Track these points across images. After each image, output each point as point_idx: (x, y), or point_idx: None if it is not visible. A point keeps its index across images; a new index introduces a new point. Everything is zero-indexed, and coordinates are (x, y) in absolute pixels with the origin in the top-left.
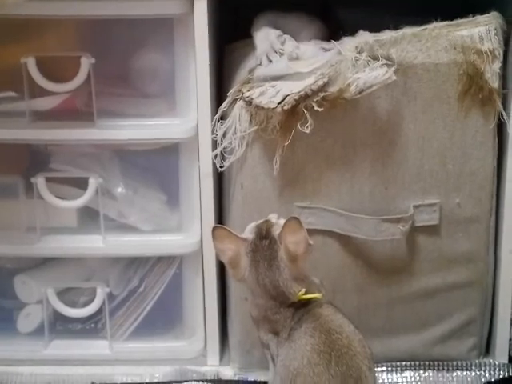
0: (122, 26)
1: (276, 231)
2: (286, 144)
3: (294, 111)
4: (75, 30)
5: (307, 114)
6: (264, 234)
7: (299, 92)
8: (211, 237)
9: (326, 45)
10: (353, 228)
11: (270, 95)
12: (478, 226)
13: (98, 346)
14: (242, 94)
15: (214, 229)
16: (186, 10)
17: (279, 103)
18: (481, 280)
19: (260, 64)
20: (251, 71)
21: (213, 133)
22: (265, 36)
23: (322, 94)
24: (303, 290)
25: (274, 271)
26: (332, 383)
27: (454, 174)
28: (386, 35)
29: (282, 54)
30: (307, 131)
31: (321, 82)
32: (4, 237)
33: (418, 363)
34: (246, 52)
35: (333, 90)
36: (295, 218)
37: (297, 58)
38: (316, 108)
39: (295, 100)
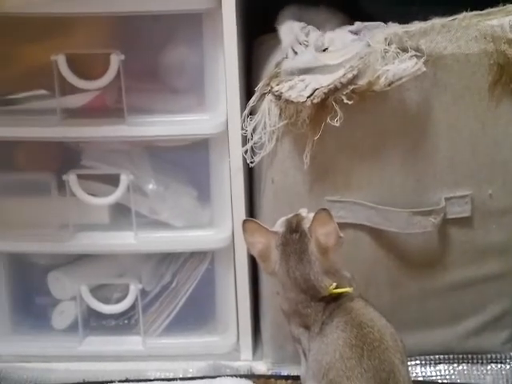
0: (150, 22)
1: (306, 225)
2: (316, 138)
3: (323, 105)
4: (104, 27)
5: (337, 107)
6: (294, 228)
7: (328, 85)
8: (242, 230)
9: (353, 27)
10: (384, 221)
11: (300, 89)
12: (510, 217)
13: (131, 342)
14: (271, 88)
15: (244, 222)
16: (214, 4)
17: (308, 97)
18: None
19: (286, 57)
20: (278, 65)
21: (242, 128)
22: (289, 29)
23: (351, 87)
24: (334, 284)
25: (305, 264)
26: (364, 377)
27: (486, 165)
28: (415, 26)
29: (307, 46)
30: (337, 124)
31: (350, 75)
32: (37, 234)
33: (451, 356)
34: (273, 45)
35: (362, 82)
36: (325, 209)
37: (322, 48)
38: (345, 101)
39: (324, 93)
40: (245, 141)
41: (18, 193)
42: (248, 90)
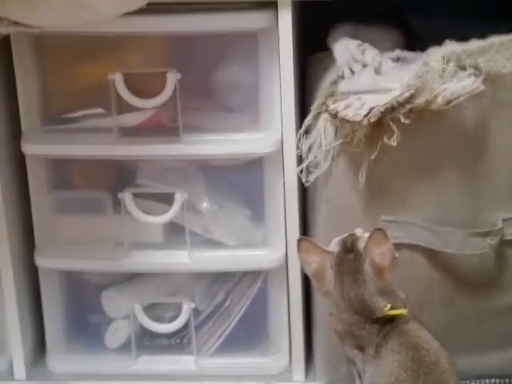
0: (206, 41)
1: (361, 245)
2: (372, 157)
3: (379, 123)
4: (161, 46)
5: (393, 127)
6: (349, 247)
7: (385, 104)
8: (296, 248)
9: (393, 54)
10: (440, 242)
11: (356, 108)
12: None
13: (184, 362)
14: (327, 106)
15: (299, 241)
16: (270, 23)
17: (365, 116)
18: None
19: (342, 76)
20: (333, 84)
21: (298, 147)
22: (344, 46)
23: (408, 106)
24: (389, 306)
25: (360, 285)
26: None
27: None
28: (473, 44)
29: (364, 65)
30: (394, 144)
31: (407, 94)
32: (92, 252)
33: (508, 381)
34: (328, 63)
35: (419, 101)
36: (380, 229)
37: (379, 67)
38: (403, 120)
39: (381, 112)
40: (300, 160)
41: (74, 211)
42: (303, 108)
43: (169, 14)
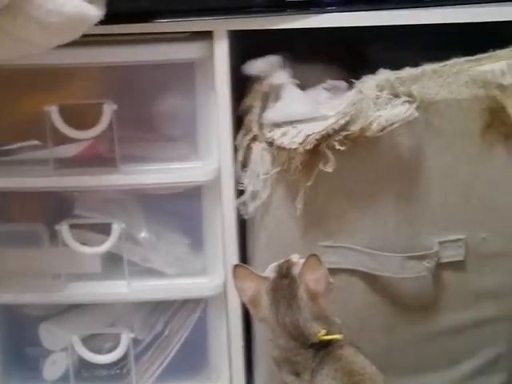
0: (143, 71)
1: (296, 270)
2: (309, 184)
3: (315, 151)
4: (97, 77)
5: (329, 154)
6: (284, 273)
7: (321, 132)
8: (232, 275)
9: (326, 85)
10: (378, 266)
11: (292, 136)
12: (504, 261)
13: None
14: (263, 135)
15: (234, 267)
16: (206, 53)
17: (301, 143)
18: (509, 315)
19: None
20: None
21: (236, 177)
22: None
23: (343, 133)
24: (324, 331)
25: (294, 310)
26: None
27: (480, 209)
28: (407, 72)
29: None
30: (330, 170)
31: (342, 121)
32: (29, 285)
33: None
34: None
35: (354, 128)
36: (315, 255)
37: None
38: (338, 147)
39: (317, 140)
40: (238, 187)
41: (10, 243)
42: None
43: (104, 46)
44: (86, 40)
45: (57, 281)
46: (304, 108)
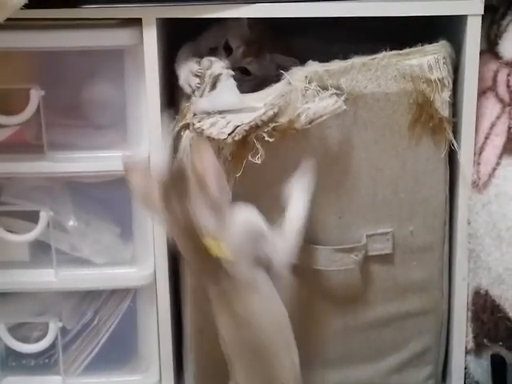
0: (71, 57)
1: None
2: (238, 175)
3: (244, 142)
4: (24, 62)
5: (258, 145)
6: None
7: (249, 123)
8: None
9: None
10: (306, 258)
11: (221, 126)
12: (431, 254)
13: (51, 382)
14: (193, 124)
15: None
16: (136, 41)
17: (229, 134)
18: (435, 308)
19: (193, 93)
20: (187, 101)
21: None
22: (184, 64)
23: (272, 125)
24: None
25: (185, 202)
26: None
27: (407, 203)
28: (336, 65)
29: (201, 76)
30: (258, 162)
31: (271, 113)
32: None
33: None
34: None
35: (283, 120)
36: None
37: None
38: (267, 138)
39: (245, 131)
40: None
41: None
42: None
43: (31, 30)
44: (12, 24)
45: None
46: (232, 98)
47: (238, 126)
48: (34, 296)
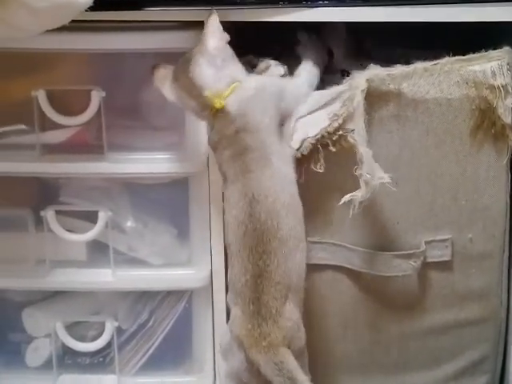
0: (132, 59)
1: None
2: (301, 181)
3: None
4: (86, 63)
5: (321, 157)
6: None
7: (316, 136)
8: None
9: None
10: (364, 263)
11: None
12: (490, 262)
13: (106, 381)
14: None
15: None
16: (196, 43)
17: (297, 149)
18: (494, 316)
19: None
20: None
21: None
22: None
23: (338, 134)
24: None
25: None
26: None
27: (467, 210)
28: (398, 69)
29: None
30: (321, 170)
31: (336, 124)
32: (13, 270)
33: None
34: None
35: (347, 130)
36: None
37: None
38: (332, 148)
39: (312, 144)
40: None
41: None
42: None
43: (94, 32)
44: (76, 26)
45: (41, 267)
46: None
47: (305, 140)
48: (90, 295)
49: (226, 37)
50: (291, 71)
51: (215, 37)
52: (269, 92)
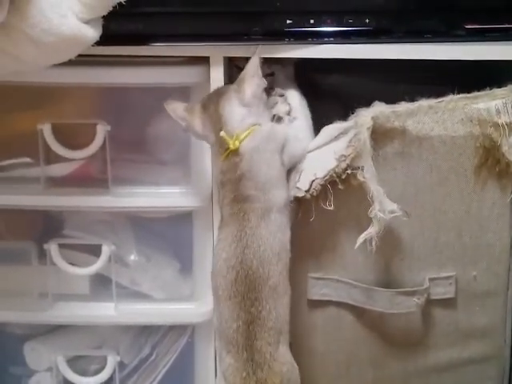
0: (138, 94)
1: None
2: (311, 220)
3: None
4: (91, 97)
5: (330, 196)
6: None
7: (324, 177)
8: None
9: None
10: (367, 300)
11: (294, 181)
12: (494, 300)
13: None
14: None
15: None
16: (202, 78)
17: (307, 191)
18: (498, 355)
19: None
20: None
21: None
22: None
23: (346, 173)
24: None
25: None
26: None
27: (471, 247)
28: (402, 106)
29: None
30: (331, 208)
31: (344, 165)
32: (15, 303)
33: None
34: None
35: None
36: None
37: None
38: (340, 187)
39: (321, 185)
40: None
41: None
42: None
43: (101, 66)
44: (82, 60)
45: (44, 300)
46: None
47: (314, 181)
48: (92, 329)
49: (264, 83)
50: None
51: (253, 83)
52: (278, 143)
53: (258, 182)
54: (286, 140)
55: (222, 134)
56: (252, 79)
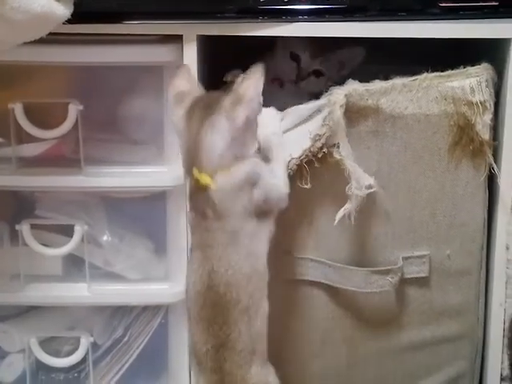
0: (110, 73)
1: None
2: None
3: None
4: (63, 76)
5: (307, 175)
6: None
7: (300, 157)
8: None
9: None
10: (341, 279)
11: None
12: (468, 279)
13: None
14: None
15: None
16: (175, 57)
17: None
18: (471, 333)
19: None
20: None
21: None
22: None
23: (322, 151)
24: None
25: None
26: None
27: (445, 226)
28: (376, 85)
29: None
30: (307, 186)
31: (319, 144)
32: None
33: None
34: None
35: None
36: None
37: None
38: (317, 165)
39: (297, 165)
40: None
41: None
42: None
43: (72, 45)
44: (54, 38)
45: (16, 281)
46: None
47: (290, 162)
48: (65, 310)
49: (260, 108)
50: None
51: (249, 108)
52: (254, 183)
53: (226, 214)
54: (265, 184)
55: (195, 171)
56: (249, 103)
